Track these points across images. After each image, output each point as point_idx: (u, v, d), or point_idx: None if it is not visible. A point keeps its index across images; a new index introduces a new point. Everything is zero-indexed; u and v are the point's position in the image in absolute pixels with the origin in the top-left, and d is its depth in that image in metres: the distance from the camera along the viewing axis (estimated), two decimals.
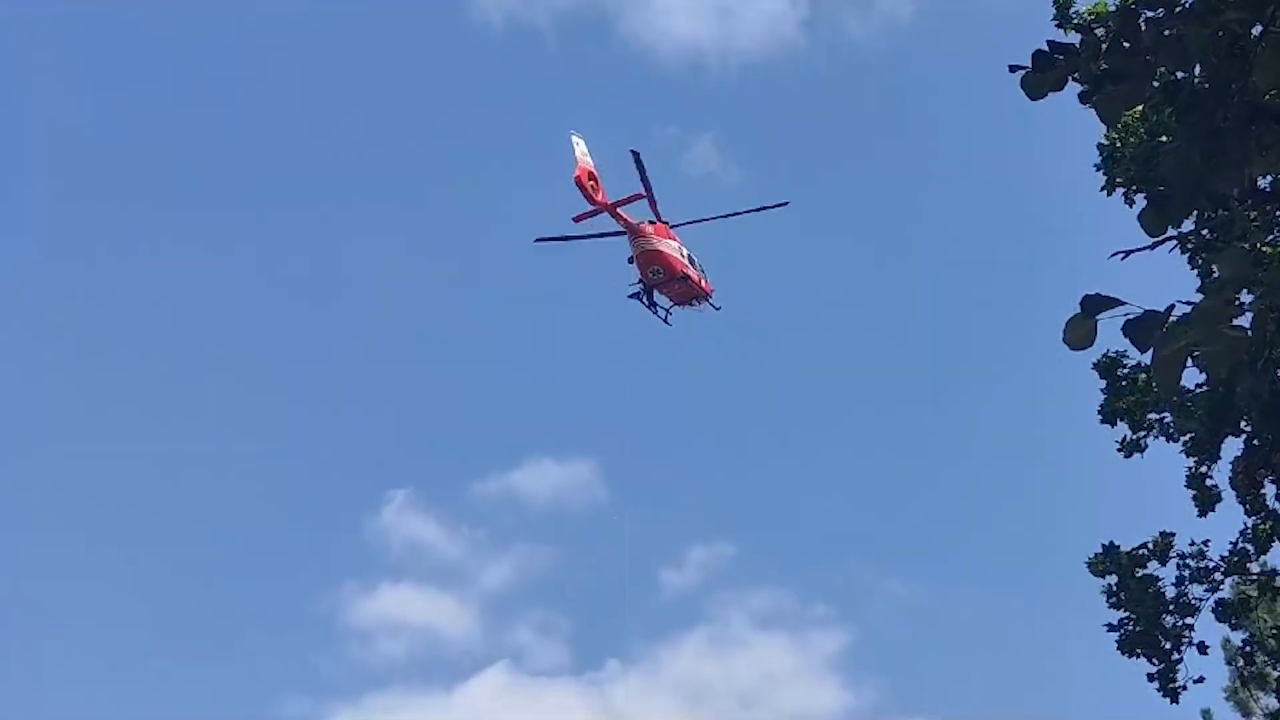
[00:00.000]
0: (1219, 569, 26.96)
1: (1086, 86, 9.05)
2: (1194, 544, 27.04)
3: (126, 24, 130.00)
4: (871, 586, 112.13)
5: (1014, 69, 8.96)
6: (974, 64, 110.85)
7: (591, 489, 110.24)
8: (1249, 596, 27.38)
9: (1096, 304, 7.15)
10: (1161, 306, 7.26)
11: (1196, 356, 7.32)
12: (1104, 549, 27.09)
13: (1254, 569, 27.35)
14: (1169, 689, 26.40)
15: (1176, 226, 9.04)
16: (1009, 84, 8.98)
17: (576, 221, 57.55)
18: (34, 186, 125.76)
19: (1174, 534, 27.14)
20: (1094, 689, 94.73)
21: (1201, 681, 26.81)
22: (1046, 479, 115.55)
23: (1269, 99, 9.03)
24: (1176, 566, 27.02)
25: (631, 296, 58.99)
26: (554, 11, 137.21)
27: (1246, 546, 26.92)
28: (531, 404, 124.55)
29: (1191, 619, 26.63)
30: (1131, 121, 25.01)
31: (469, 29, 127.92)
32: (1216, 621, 27.21)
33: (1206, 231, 23.53)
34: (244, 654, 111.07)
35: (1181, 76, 10.30)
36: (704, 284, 59.56)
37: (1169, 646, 26.44)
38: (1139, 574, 26.84)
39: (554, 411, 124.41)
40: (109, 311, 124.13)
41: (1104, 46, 9.02)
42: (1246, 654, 28.71)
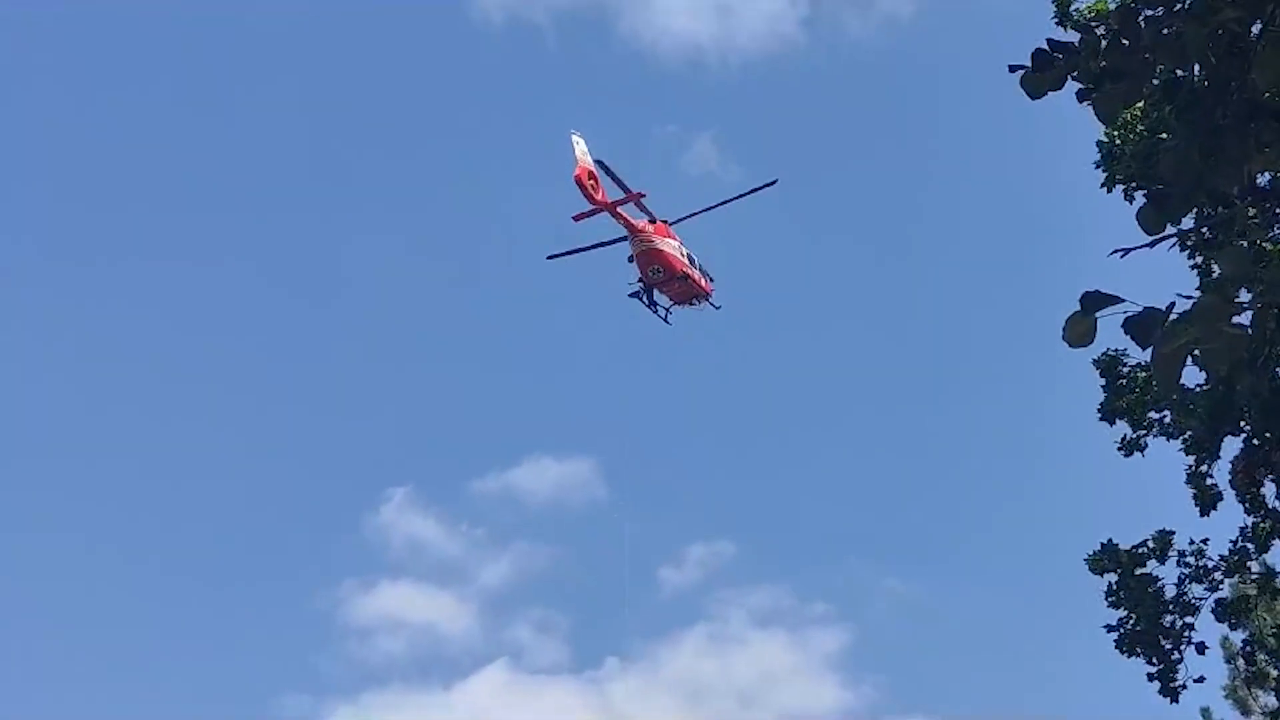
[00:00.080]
0: (1219, 568, 26.94)
1: (1085, 85, 9.05)
2: (1193, 543, 27.03)
3: (126, 24, 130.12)
4: (871, 585, 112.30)
5: (1014, 69, 8.96)
6: (974, 62, 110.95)
7: (591, 487, 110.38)
8: (1248, 595, 27.37)
9: (1096, 301, 7.14)
10: (1162, 305, 7.26)
11: (1196, 354, 7.32)
12: (1103, 546, 27.08)
13: (1254, 568, 27.33)
14: (1169, 688, 26.38)
15: (1175, 224, 9.04)
16: (1009, 82, 8.99)
17: (576, 220, 57.59)
18: (34, 187, 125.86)
19: (1173, 532, 27.13)
20: (1093, 688, 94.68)
21: (1202, 681, 26.82)
22: (1046, 478, 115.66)
23: (1268, 97, 9.03)
24: (1176, 565, 27.01)
25: (632, 295, 59.04)
26: (554, 9, 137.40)
27: (1247, 545, 26.91)
28: (531, 402, 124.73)
29: (1192, 618, 26.61)
30: (1131, 119, 24.99)
31: (469, 27, 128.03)
32: (1216, 621, 27.21)
33: (1206, 229, 23.54)
34: (243, 652, 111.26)
35: (1181, 75, 10.30)
36: (704, 283, 59.58)
37: (1169, 646, 26.42)
38: (1138, 573, 26.82)
39: (553, 410, 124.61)
40: (109, 311, 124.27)
41: (1103, 45, 9.02)
42: (1247, 654, 28.69)
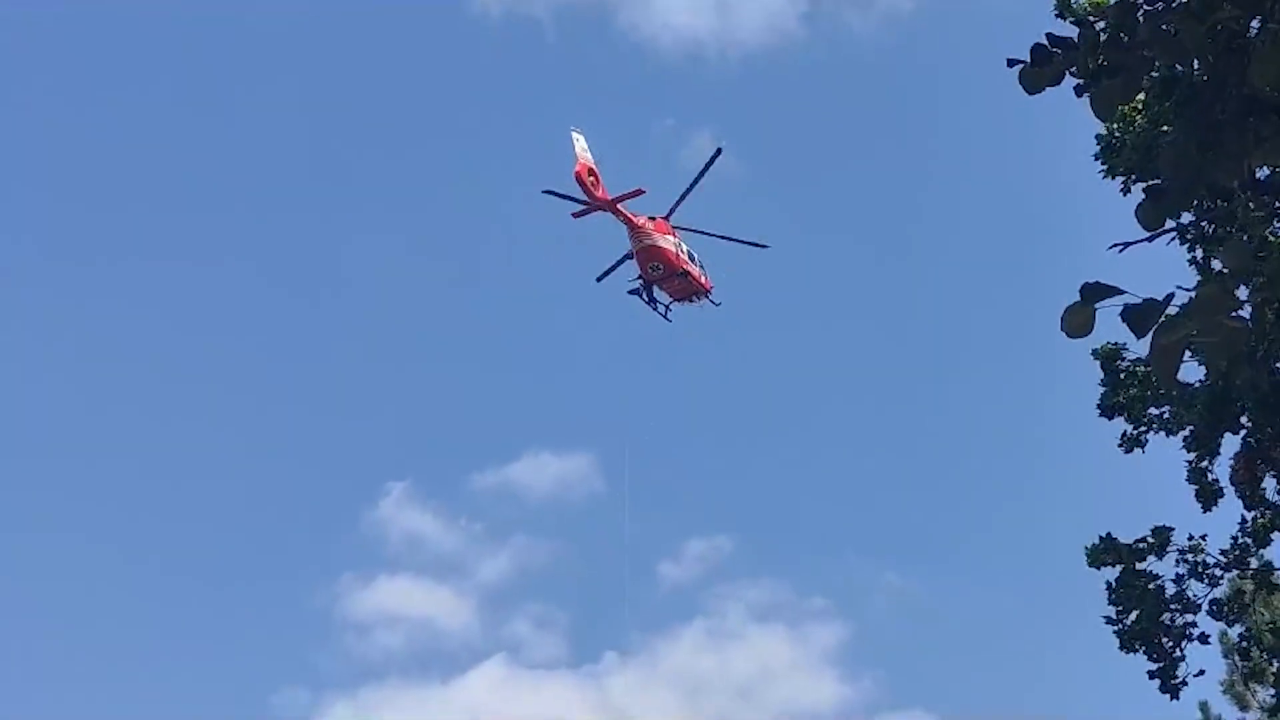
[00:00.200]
0: (1218, 564, 26.92)
1: (1082, 81, 9.06)
2: (1192, 539, 27.00)
3: (125, 23, 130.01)
4: (870, 580, 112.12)
5: (1012, 63, 8.96)
6: (974, 57, 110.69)
7: (590, 482, 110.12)
8: (1244, 591, 27.34)
9: (1096, 292, 7.15)
10: (1160, 298, 7.26)
11: (1195, 348, 7.33)
12: (1102, 540, 27.05)
13: (1253, 564, 27.31)
14: (1169, 685, 26.37)
15: (1174, 219, 9.06)
16: (1009, 77, 8.99)
17: (576, 217, 57.59)
18: (33, 187, 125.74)
19: (1172, 528, 27.11)
20: (1092, 684, 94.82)
21: (1201, 675, 26.82)
22: (1046, 474, 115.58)
23: (1269, 91, 9.04)
24: (1176, 562, 26.98)
25: (631, 292, 59.08)
26: (552, 4, 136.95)
27: (1246, 541, 26.89)
28: (530, 397, 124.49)
29: (1192, 615, 26.60)
30: (1130, 111, 24.84)
31: (467, 21, 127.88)
32: (1213, 620, 27.19)
33: (1206, 223, 23.54)
34: (242, 647, 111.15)
35: (1179, 70, 10.32)
36: (703, 280, 59.56)
37: (1169, 644, 26.41)
38: (1138, 568, 26.79)
39: (553, 405, 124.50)
40: (109, 310, 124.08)
41: (1102, 40, 9.03)
42: (1242, 649, 28.63)
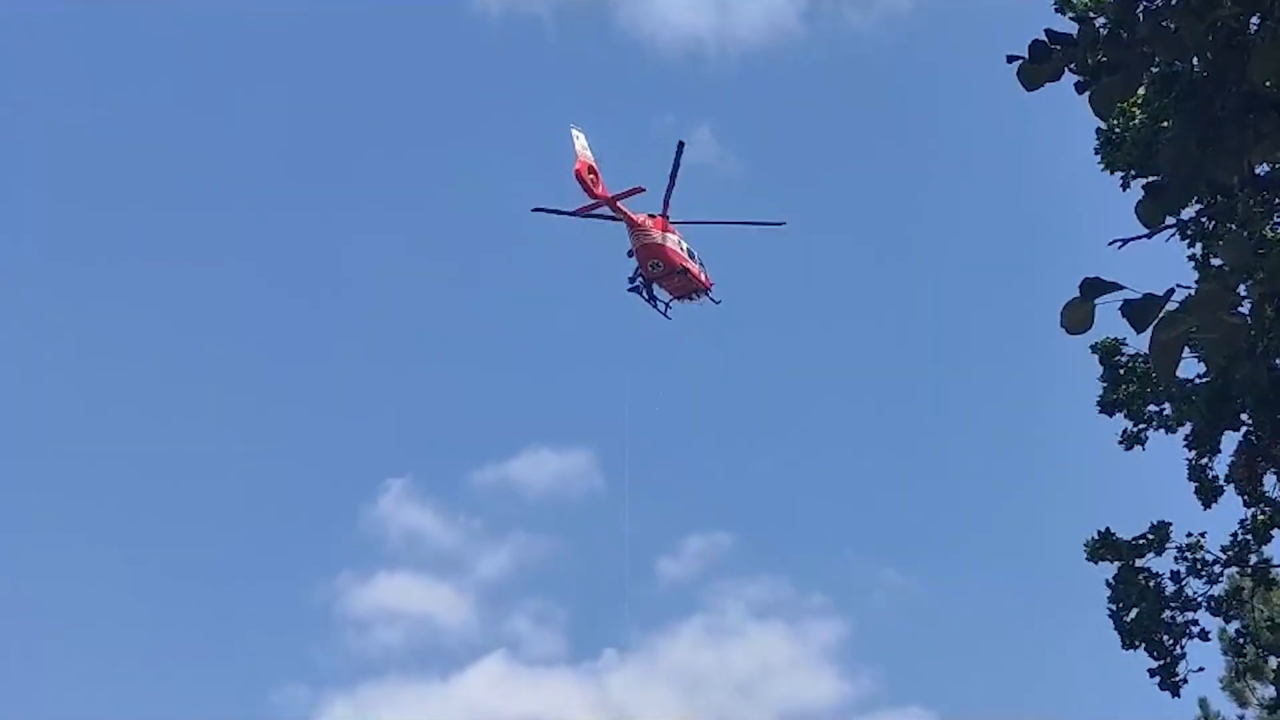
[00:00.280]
0: (1217, 561, 26.92)
1: (1082, 78, 9.06)
2: (1191, 536, 26.99)
3: (124, 22, 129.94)
4: (869, 577, 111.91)
5: (1011, 59, 8.97)
6: (973, 54, 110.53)
7: (589, 479, 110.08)
8: (1242, 587, 27.33)
9: (1095, 288, 7.16)
10: (1160, 294, 7.26)
11: (1194, 344, 7.34)
12: (1100, 535, 27.04)
13: (1253, 560, 27.31)
14: (1170, 683, 26.38)
15: (1174, 216, 9.07)
16: (1008, 74, 8.99)
17: (576, 215, 57.62)
18: (33, 186, 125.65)
19: (1170, 523, 27.11)
20: (1091, 681, 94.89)
21: (1200, 671, 26.86)
22: (1046, 471, 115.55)
23: (1268, 86, 9.04)
24: (1175, 560, 26.97)
25: (631, 290, 59.04)
26: (552, 1, 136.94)
27: (1246, 538, 26.88)
28: (529, 394, 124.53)
29: (1193, 613, 26.61)
30: (1130, 107, 24.78)
31: (467, 19, 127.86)
32: (1211, 615, 27.18)
33: (1206, 219, 23.54)
34: (240, 643, 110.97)
35: (1179, 66, 10.32)
36: (703, 277, 59.57)
37: (1169, 642, 26.41)
38: (1136, 564, 26.79)
39: (552, 402, 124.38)
40: (110, 309, 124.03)
41: (1102, 36, 9.03)
42: (1238, 645, 28.58)
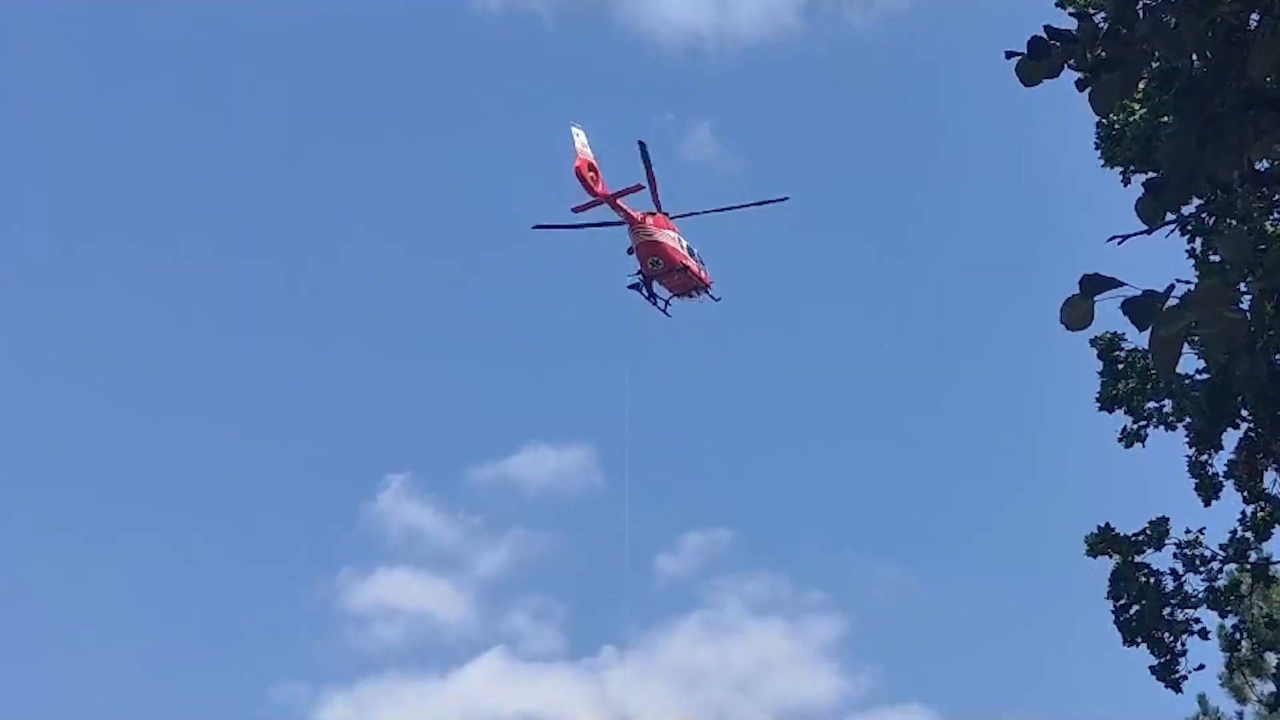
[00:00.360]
0: (1216, 558, 26.91)
1: (1082, 75, 9.06)
2: (1189, 532, 26.98)
3: (124, 21, 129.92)
4: (868, 574, 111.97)
5: (1009, 55, 8.97)
6: (973, 51, 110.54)
7: (588, 475, 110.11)
8: (1240, 582, 27.32)
9: (1095, 284, 7.16)
10: (1160, 290, 7.27)
11: (1195, 340, 7.35)
12: (1100, 530, 27.04)
13: (1252, 557, 27.30)
14: (1171, 680, 26.38)
15: (1174, 213, 9.07)
16: (1008, 70, 9.00)
17: (576, 212, 57.66)
18: (35, 184, 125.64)
19: (1168, 518, 27.11)
20: (1090, 678, 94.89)
21: (1201, 669, 26.86)
22: (1045, 468, 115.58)
23: (1269, 82, 9.05)
24: (1174, 555, 26.96)
25: (631, 287, 59.06)
26: None
27: (1246, 535, 26.86)
28: (529, 391, 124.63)
29: (1193, 610, 26.60)
30: (1129, 102, 24.69)
31: (467, 16, 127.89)
32: (1208, 609, 27.17)
33: (1206, 214, 23.53)
34: (240, 640, 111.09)
35: (1179, 63, 10.31)
36: (703, 275, 59.59)
37: (1170, 639, 26.41)
38: (1136, 559, 26.78)
39: (551, 398, 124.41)
40: (111, 305, 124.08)
41: (1101, 33, 9.03)
42: (1234, 639, 28.52)
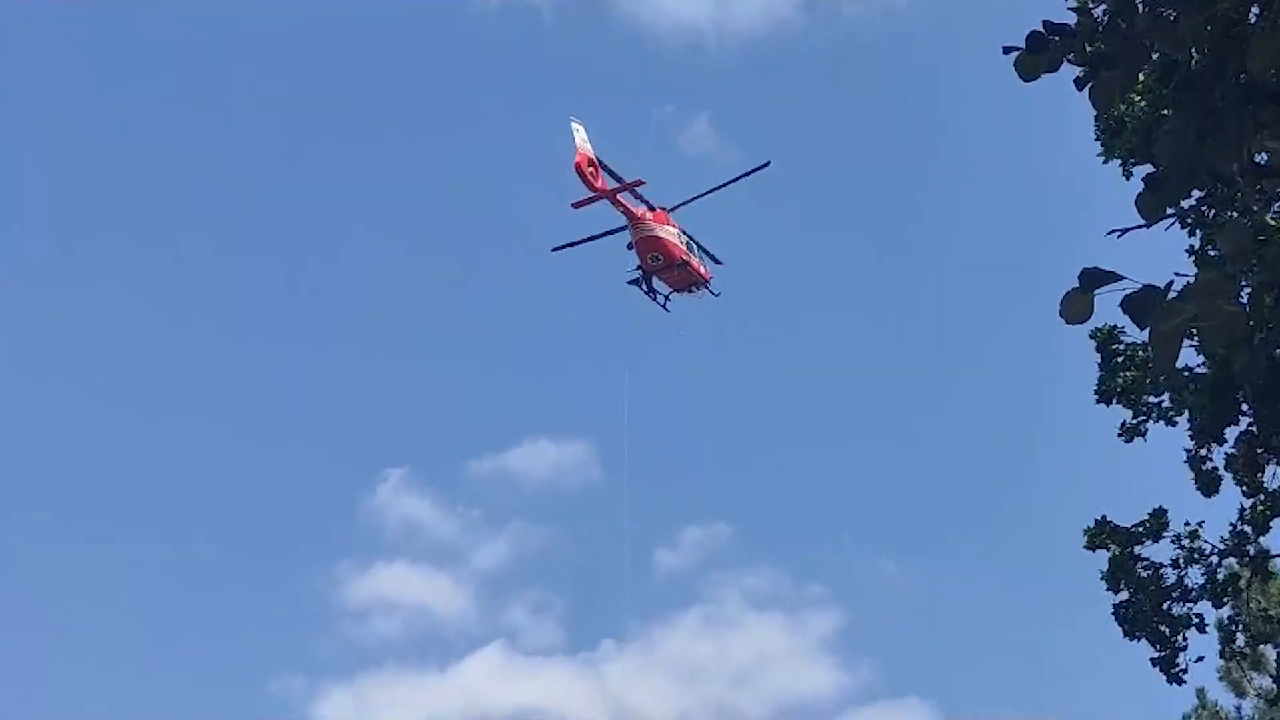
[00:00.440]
0: (1216, 551, 26.92)
1: (1081, 72, 9.06)
2: (1189, 524, 26.99)
3: (124, 21, 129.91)
4: (867, 568, 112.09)
5: (1008, 51, 8.97)
6: (972, 44, 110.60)
7: (587, 469, 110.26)
8: (1239, 575, 27.32)
9: (1095, 279, 7.16)
10: (1160, 284, 7.27)
11: (1195, 333, 7.34)
12: (1098, 522, 27.04)
13: (1251, 551, 27.30)
14: (1172, 674, 26.40)
15: (1173, 207, 9.07)
16: (1007, 64, 9.01)
17: (576, 208, 57.67)
18: (36, 185, 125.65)
19: (1166, 509, 27.11)
20: (1088, 672, 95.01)
21: (1200, 661, 26.88)
22: (1044, 463, 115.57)
23: (1272, 75, 9.04)
24: (1172, 547, 26.98)
25: (630, 283, 59.10)
26: None
27: (1245, 529, 26.87)
28: (528, 385, 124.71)
29: (1193, 604, 26.61)
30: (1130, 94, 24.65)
31: (466, 10, 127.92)
32: (1209, 604, 27.19)
33: (1206, 208, 23.52)
34: (238, 633, 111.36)
35: (1178, 57, 10.31)
36: (702, 270, 59.59)
37: (1169, 632, 26.43)
38: (1134, 551, 26.79)
39: (550, 393, 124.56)
40: (112, 301, 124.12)
41: (1101, 27, 9.04)
42: (1229, 632, 28.50)
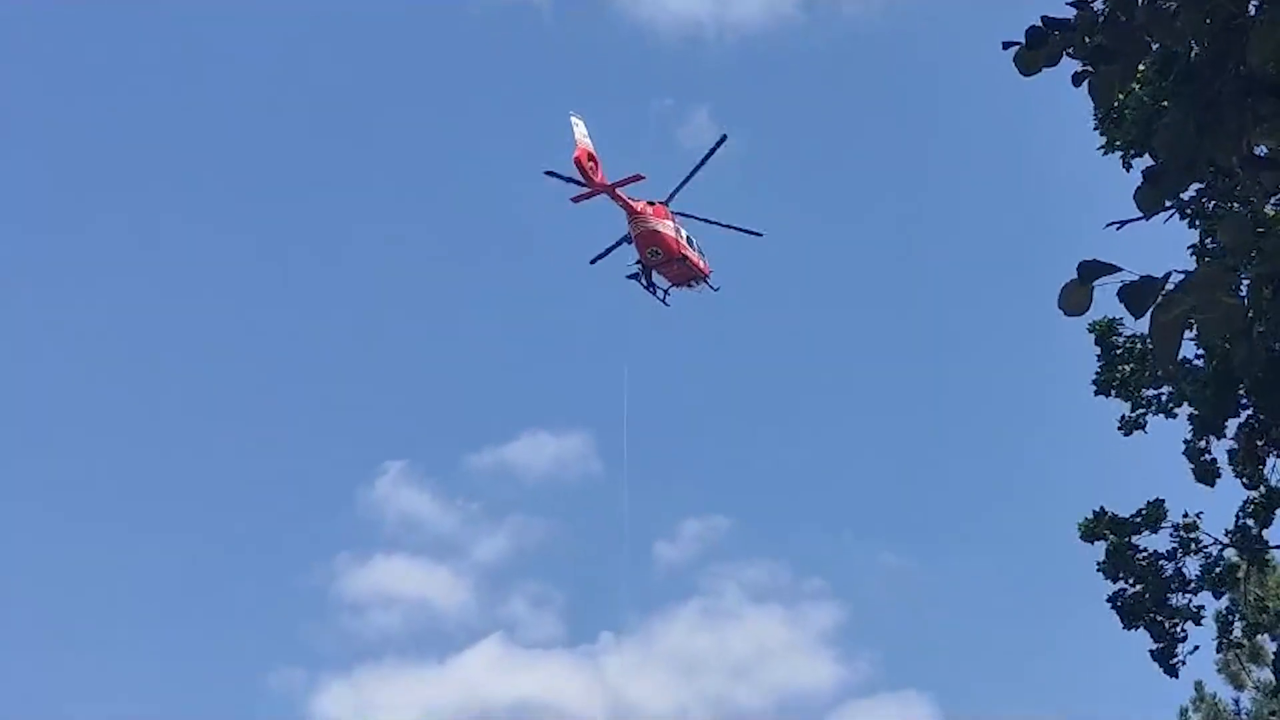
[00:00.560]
0: (1216, 542, 26.96)
1: (1080, 66, 9.08)
2: (1187, 515, 27.02)
3: (124, 21, 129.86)
4: (866, 561, 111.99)
5: (1007, 46, 8.98)
6: (973, 39, 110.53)
7: (586, 462, 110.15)
8: (1236, 565, 27.36)
9: (1093, 270, 7.18)
10: (1159, 275, 7.30)
11: (1194, 325, 7.36)
12: (1095, 514, 27.08)
13: (1252, 543, 27.32)
14: (1170, 665, 26.45)
15: (1173, 200, 9.09)
16: (1007, 59, 9.03)
17: (575, 202, 57.61)
18: (36, 185, 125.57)
19: (1164, 500, 27.16)
20: (1087, 664, 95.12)
21: (1196, 650, 26.97)
22: (1044, 455, 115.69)
23: (1271, 67, 9.07)
24: (1170, 538, 27.01)
25: (630, 277, 59.10)
26: None
27: (1246, 521, 26.90)
28: (527, 378, 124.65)
29: (1192, 595, 26.66)
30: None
31: (465, 6, 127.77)
32: (1206, 592, 27.22)
33: (1205, 200, 23.56)
34: (237, 626, 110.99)
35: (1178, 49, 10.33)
36: (702, 264, 59.57)
37: (1168, 624, 26.47)
38: (1131, 540, 26.83)
39: (550, 385, 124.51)
40: (113, 295, 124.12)
41: (1100, 21, 9.06)
42: (1227, 622, 28.58)
